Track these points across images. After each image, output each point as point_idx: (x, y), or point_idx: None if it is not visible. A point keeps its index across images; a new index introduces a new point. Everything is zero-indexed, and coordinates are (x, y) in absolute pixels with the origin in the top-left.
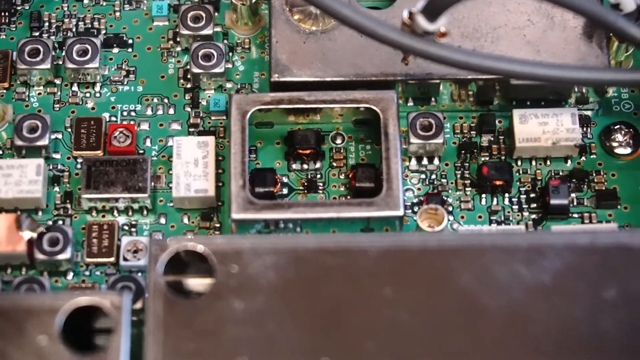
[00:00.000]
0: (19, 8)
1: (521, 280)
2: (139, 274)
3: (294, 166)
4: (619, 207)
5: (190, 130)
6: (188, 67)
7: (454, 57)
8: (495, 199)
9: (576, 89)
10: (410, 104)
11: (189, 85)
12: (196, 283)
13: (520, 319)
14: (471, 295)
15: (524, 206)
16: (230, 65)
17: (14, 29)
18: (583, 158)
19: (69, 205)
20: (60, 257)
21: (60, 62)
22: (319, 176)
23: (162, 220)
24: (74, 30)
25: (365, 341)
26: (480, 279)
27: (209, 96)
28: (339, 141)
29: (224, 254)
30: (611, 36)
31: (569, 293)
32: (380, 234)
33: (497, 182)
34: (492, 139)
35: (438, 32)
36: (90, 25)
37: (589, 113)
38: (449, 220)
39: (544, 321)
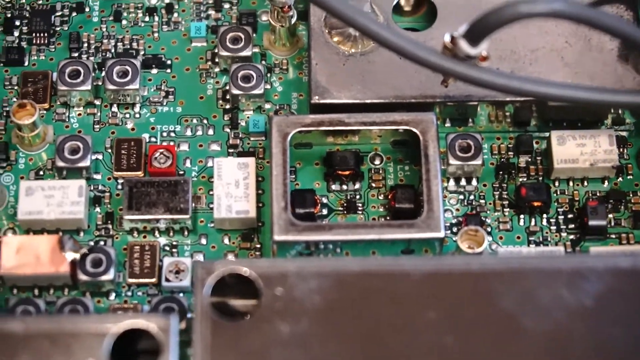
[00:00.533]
0: (57, 29)
1: (563, 303)
2: (181, 295)
3: (333, 187)
4: None
5: (230, 151)
6: (227, 87)
7: (495, 81)
8: (533, 220)
9: (612, 110)
10: (448, 124)
11: (227, 106)
12: (242, 305)
13: (562, 342)
14: (513, 318)
15: (562, 227)
16: (268, 86)
17: (53, 50)
18: (620, 179)
19: (110, 226)
20: (103, 278)
21: (100, 83)
22: (358, 197)
23: (203, 241)
24: (112, 51)
25: None
26: (522, 301)
27: (247, 117)
28: (377, 162)
29: (269, 276)
30: None
31: (610, 316)
32: (422, 257)
33: (535, 203)
34: (530, 159)
35: (480, 56)
36: (129, 46)
37: (624, 134)
38: (488, 241)
39: (585, 344)
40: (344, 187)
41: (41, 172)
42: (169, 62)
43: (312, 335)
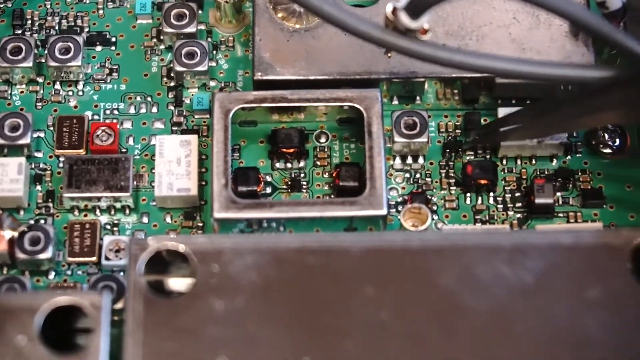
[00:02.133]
0: (1, 5)
1: (504, 280)
2: (121, 274)
3: (277, 165)
4: (604, 206)
5: (174, 129)
6: (171, 65)
7: (437, 54)
8: (480, 198)
9: (562, 87)
10: (395, 102)
11: (172, 84)
12: (177, 282)
13: (503, 319)
14: (453, 295)
15: (508, 205)
16: (214, 64)
17: None
18: (569, 157)
19: (50, 205)
20: (42, 256)
21: (43, 60)
22: (302, 175)
23: (145, 220)
24: (56, 28)
25: (347, 341)
26: (462, 278)
27: (192, 95)
28: (323, 140)
29: (204, 253)
30: None
31: (551, 293)
32: (362, 233)
33: (482, 181)
34: (477, 137)
35: (421, 29)
36: (73, 23)
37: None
38: (433, 219)
39: (526, 321)
40: (289, 165)
41: None
42: (113, 39)
43: (248, 312)
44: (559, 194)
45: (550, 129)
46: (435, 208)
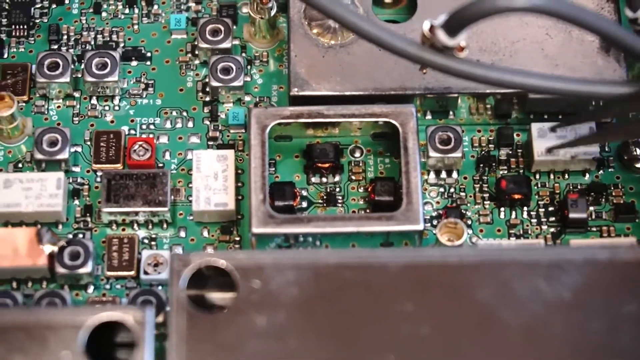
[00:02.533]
0: (37, 21)
1: (540, 295)
2: (160, 288)
3: (313, 179)
4: (637, 220)
5: (209, 143)
6: (207, 80)
7: (473, 72)
8: (514, 213)
9: (593, 103)
10: (429, 117)
11: (207, 99)
12: (218, 297)
13: (540, 334)
14: (490, 310)
15: (542, 219)
16: (248, 79)
17: (33, 42)
18: (601, 172)
19: (89, 219)
20: (81, 270)
21: (80, 75)
22: (338, 189)
23: (182, 234)
24: (92, 43)
25: (386, 356)
26: (499, 294)
27: (227, 109)
28: (357, 154)
29: (245, 269)
30: None
31: (588, 308)
32: (399, 249)
33: (516, 196)
34: (511, 152)
35: (458, 46)
36: (108, 39)
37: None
38: (468, 234)
39: (563, 336)
40: (324, 179)
41: (20, 165)
42: (148, 54)
43: (289, 327)
44: (591, 208)
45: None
46: (469, 222)
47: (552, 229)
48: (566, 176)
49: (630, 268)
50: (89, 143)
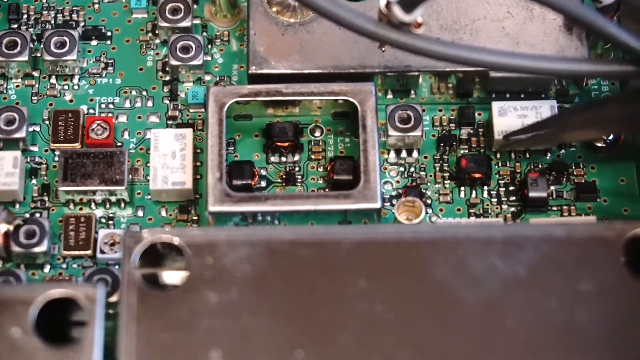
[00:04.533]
0: None
1: (497, 272)
2: (116, 267)
3: (272, 159)
4: (598, 200)
5: (169, 122)
6: (167, 59)
7: (430, 48)
8: (474, 192)
9: (556, 82)
10: (390, 96)
11: (167, 78)
12: (171, 275)
13: (496, 311)
14: (447, 287)
15: (503, 199)
16: (209, 58)
17: None
18: (562, 151)
19: (46, 198)
20: (37, 249)
21: (39, 55)
22: (297, 169)
23: (140, 213)
24: (52, 22)
25: (340, 333)
26: (456, 271)
27: (187, 89)
28: (317, 134)
29: (198, 246)
30: None
31: (544, 286)
32: (355, 226)
33: (476, 175)
34: (472, 131)
35: (414, 23)
36: (68, 18)
37: (568, 105)
38: (427, 212)
39: (519, 314)
40: (283, 159)
41: None
42: (109, 33)
43: (242, 304)
44: (552, 187)
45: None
46: (429, 202)
47: (512, 209)
48: (527, 155)
49: (587, 245)
50: (47, 122)
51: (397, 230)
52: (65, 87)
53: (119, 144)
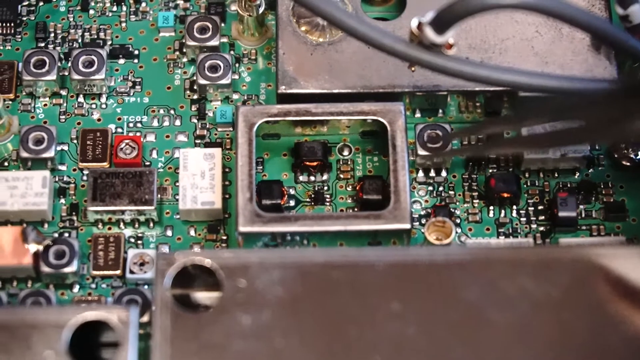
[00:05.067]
0: (24, 19)
1: (528, 294)
2: (146, 287)
3: (301, 178)
4: (627, 219)
5: (197, 141)
6: (194, 78)
7: (461, 69)
8: (503, 211)
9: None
10: (418, 115)
11: (195, 97)
12: (204, 297)
13: (527, 333)
14: (478, 309)
15: (531, 218)
16: (237, 77)
17: (20, 40)
18: (591, 170)
19: (75, 218)
20: (67, 270)
21: (66, 73)
22: (326, 188)
23: (169, 233)
24: (79, 41)
25: (372, 356)
26: (486, 293)
27: (215, 107)
28: (346, 153)
29: (231, 268)
30: None
31: (575, 308)
32: (387, 248)
33: (505, 194)
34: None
35: (446, 44)
36: (96, 36)
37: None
38: (456, 232)
39: (549, 335)
40: (312, 178)
41: (6, 163)
42: (136, 52)
43: (274, 327)
44: (581, 207)
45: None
46: (458, 221)
47: (541, 228)
48: (556, 175)
49: (617, 266)
50: (75, 141)
51: (429, 253)
52: (93, 106)
53: (147, 163)
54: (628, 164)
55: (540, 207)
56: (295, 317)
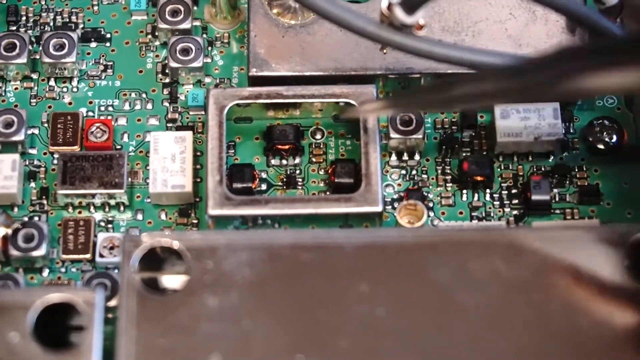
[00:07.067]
0: None
1: (499, 276)
2: (115, 271)
3: (273, 162)
4: (601, 203)
5: (169, 125)
6: (166, 61)
7: (432, 50)
8: (476, 195)
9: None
10: None
11: (167, 80)
12: (171, 279)
13: (498, 315)
14: (448, 291)
15: (505, 202)
16: (209, 60)
17: None
18: (565, 153)
19: (45, 201)
20: (35, 253)
21: (37, 57)
22: (298, 172)
23: (139, 217)
24: (51, 24)
25: (341, 338)
26: (457, 274)
27: (187, 91)
28: (318, 136)
29: (198, 250)
30: None
31: (546, 289)
32: (356, 230)
33: (478, 178)
34: (474, 134)
35: (416, 24)
36: (67, 20)
37: (571, 108)
38: (429, 216)
39: (521, 317)
40: (284, 161)
41: None
42: (108, 35)
43: (242, 309)
44: (555, 190)
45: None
46: (431, 205)
47: (515, 212)
48: (530, 158)
49: (590, 249)
50: (46, 125)
51: (399, 234)
52: (64, 89)
53: (119, 146)
54: (602, 147)
55: (513, 191)
56: (264, 299)
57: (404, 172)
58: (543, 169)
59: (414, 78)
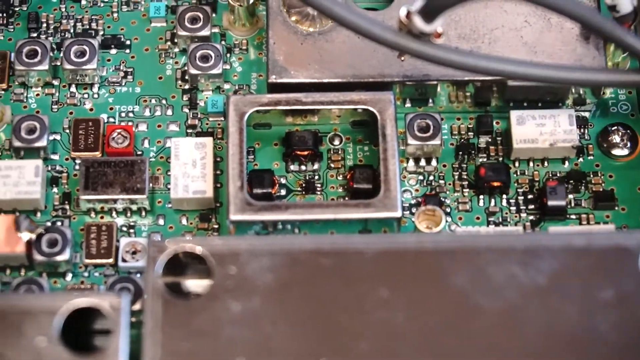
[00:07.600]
0: (16, 9)
1: (516, 281)
2: (138, 275)
3: (291, 167)
4: (616, 208)
5: (188, 131)
6: (186, 68)
7: (450, 58)
8: (493, 200)
9: (573, 90)
10: (408, 105)
11: (186, 87)
12: (194, 284)
13: (515, 320)
14: (466, 296)
15: (521, 207)
16: (228, 67)
17: (12, 30)
18: (580, 159)
19: (67, 207)
20: (59, 258)
21: (58, 63)
22: (316, 177)
23: (161, 222)
24: (71, 31)
25: (361, 342)
26: (475, 280)
27: (206, 97)
28: (336, 142)
29: (221, 255)
30: None
31: (564, 294)
32: (375, 235)
33: (495, 183)
34: (490, 140)
35: (434, 32)
36: (88, 27)
37: (586, 114)
38: (446, 221)
39: (538, 322)
40: (303, 167)
41: None
42: (128, 42)
43: (264, 313)
44: (571, 196)
45: None
46: (448, 210)
47: (531, 217)
48: (545, 164)
49: (606, 254)
50: (67, 131)
51: (418, 240)
52: (85, 95)
53: (139, 152)
54: (617, 152)
55: (529, 196)
56: (285, 304)
57: (421, 177)
58: (558, 174)
59: (431, 85)
